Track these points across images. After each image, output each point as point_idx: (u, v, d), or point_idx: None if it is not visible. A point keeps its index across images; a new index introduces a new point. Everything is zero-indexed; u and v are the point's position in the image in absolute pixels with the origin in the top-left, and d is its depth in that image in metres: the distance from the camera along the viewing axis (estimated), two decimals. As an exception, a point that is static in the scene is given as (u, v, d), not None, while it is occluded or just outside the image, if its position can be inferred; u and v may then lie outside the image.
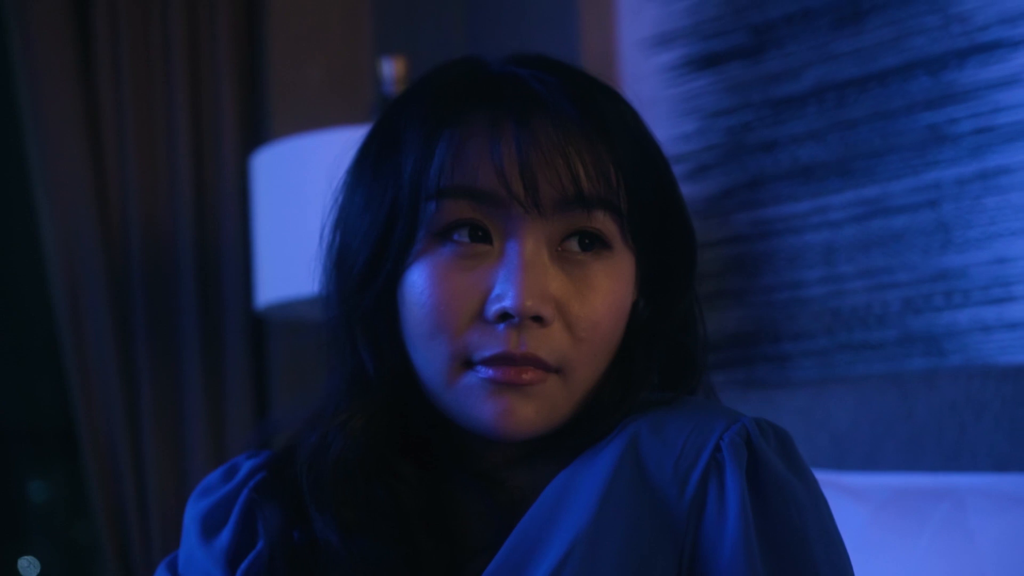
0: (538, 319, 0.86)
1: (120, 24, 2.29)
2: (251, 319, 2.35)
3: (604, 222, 0.89)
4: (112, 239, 2.28)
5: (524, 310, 0.85)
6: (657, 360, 0.93)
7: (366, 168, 0.94)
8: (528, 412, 0.86)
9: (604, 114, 0.90)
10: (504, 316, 0.86)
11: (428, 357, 0.89)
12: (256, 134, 2.40)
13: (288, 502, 0.91)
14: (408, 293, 0.90)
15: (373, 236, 0.91)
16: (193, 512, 0.97)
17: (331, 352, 0.96)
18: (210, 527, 0.95)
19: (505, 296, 0.86)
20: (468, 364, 0.88)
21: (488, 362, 0.86)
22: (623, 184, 0.89)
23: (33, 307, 2.49)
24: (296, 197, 1.93)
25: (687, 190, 2.05)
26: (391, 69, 2.01)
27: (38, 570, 2.80)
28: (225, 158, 2.33)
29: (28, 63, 2.24)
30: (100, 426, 2.27)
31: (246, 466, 0.98)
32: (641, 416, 0.89)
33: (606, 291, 0.89)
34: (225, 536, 0.94)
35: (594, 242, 0.89)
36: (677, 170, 2.05)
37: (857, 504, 1.46)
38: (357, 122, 2.28)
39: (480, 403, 0.87)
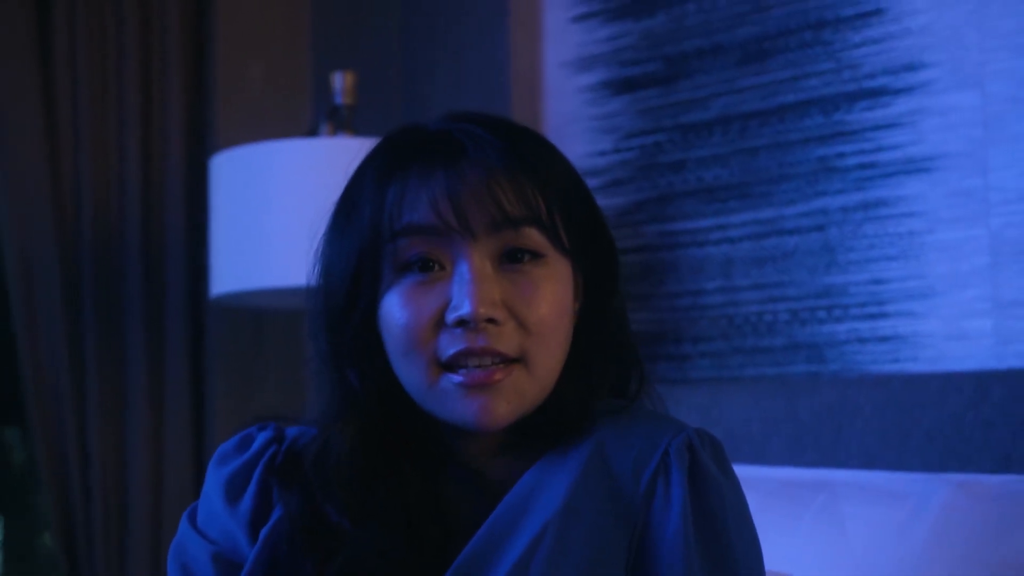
0: (491, 320, 1.04)
1: (77, 28, 2.42)
2: (192, 307, 2.51)
3: (532, 236, 1.07)
4: (65, 232, 2.40)
5: (478, 315, 1.03)
6: (610, 366, 1.13)
7: (338, 224, 1.11)
8: (501, 406, 1.04)
9: (524, 150, 1.09)
10: (462, 322, 1.04)
11: (408, 369, 1.07)
12: (201, 137, 2.54)
13: (302, 484, 1.09)
14: (384, 319, 1.07)
15: (348, 278, 1.08)
16: (216, 476, 1.13)
17: (322, 373, 1.14)
18: (232, 492, 1.12)
19: (461, 306, 1.04)
20: (441, 366, 1.05)
21: (454, 359, 1.04)
22: (545, 205, 1.07)
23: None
24: (249, 198, 2.10)
25: (602, 202, 2.24)
26: (341, 82, 2.18)
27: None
28: (172, 158, 2.47)
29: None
30: (48, 403, 2.40)
31: (260, 438, 1.14)
32: (606, 424, 1.09)
33: (546, 291, 1.06)
34: (247, 502, 1.11)
35: (528, 254, 1.07)
36: (593, 183, 2.27)
37: (748, 492, 1.67)
38: (296, 129, 2.45)
39: (458, 403, 1.04)
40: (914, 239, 1.92)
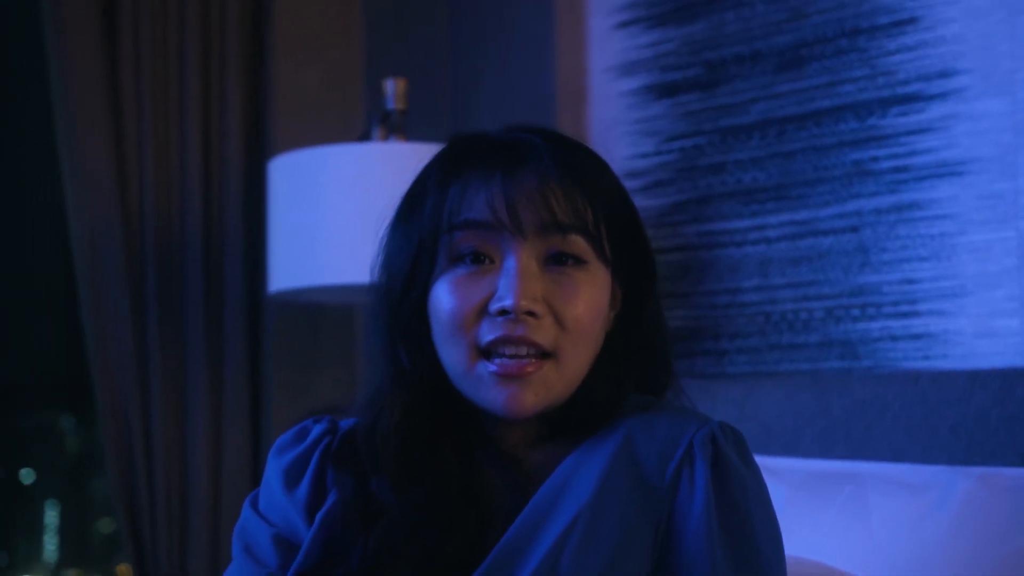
0: (531, 314, 1.13)
1: (142, 37, 2.53)
2: (250, 303, 2.61)
3: (578, 243, 1.16)
4: (130, 231, 2.50)
5: (519, 307, 1.12)
6: (639, 363, 1.22)
7: (402, 216, 1.21)
8: (529, 396, 1.13)
9: (577, 163, 1.18)
10: (504, 311, 1.13)
11: (451, 352, 1.16)
12: (259, 140, 2.64)
13: (355, 468, 1.18)
14: (433, 304, 1.17)
15: (407, 265, 1.18)
16: (275, 465, 1.23)
17: (377, 353, 1.23)
18: (290, 480, 1.21)
19: (504, 297, 1.13)
20: (480, 352, 1.14)
21: (492, 346, 1.13)
22: (592, 215, 1.16)
23: (58, 289, 2.75)
24: (304, 199, 2.20)
25: (643, 203, 2.35)
26: (393, 88, 2.28)
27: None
28: (231, 160, 2.57)
29: (61, 75, 2.45)
30: (114, 393, 2.51)
31: (315, 430, 1.24)
32: (633, 417, 1.17)
33: (585, 294, 1.15)
34: (303, 489, 1.20)
35: (572, 258, 1.16)
36: (635, 184, 2.35)
37: (779, 484, 1.76)
38: (349, 133, 2.55)
39: (491, 390, 1.13)
40: (945, 240, 1.99)
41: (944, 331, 1.99)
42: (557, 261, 1.16)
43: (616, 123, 2.43)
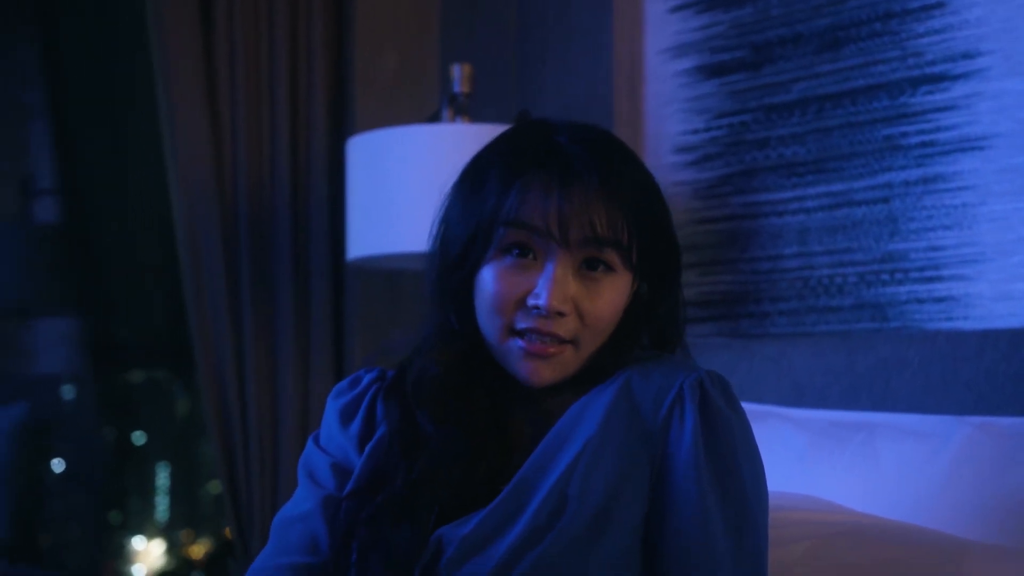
0: (560, 313, 1.33)
1: (235, 27, 2.76)
2: (333, 268, 2.84)
3: (611, 255, 1.35)
4: (225, 206, 2.73)
5: (551, 308, 1.32)
6: (641, 332, 1.41)
7: (462, 193, 1.40)
8: (547, 372, 1.34)
9: (621, 180, 1.35)
10: (537, 308, 1.33)
11: (489, 325, 1.36)
12: (342, 118, 2.87)
13: (402, 403, 1.39)
14: (480, 284, 1.36)
15: (462, 241, 1.37)
16: (333, 406, 1.46)
17: (428, 307, 1.44)
18: (345, 418, 1.44)
19: (540, 296, 1.33)
20: (513, 332, 1.34)
21: (524, 332, 1.33)
22: (627, 232, 1.35)
23: (162, 248, 3.01)
24: (378, 176, 2.43)
25: (694, 176, 2.53)
26: (459, 73, 2.49)
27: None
28: (316, 139, 2.80)
29: (163, 65, 2.69)
30: (212, 358, 2.73)
31: (366, 378, 1.46)
32: (634, 367, 1.37)
33: (608, 297, 1.35)
34: (356, 425, 1.43)
35: (603, 265, 1.35)
36: (686, 159, 2.53)
37: (801, 432, 1.94)
38: (422, 113, 2.76)
39: (517, 363, 1.34)
40: (967, 210, 2.14)
41: (965, 295, 2.14)
42: (589, 266, 1.35)
43: (670, 101, 2.61)
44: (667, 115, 2.60)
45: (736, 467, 1.32)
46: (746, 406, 2.07)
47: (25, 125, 3.68)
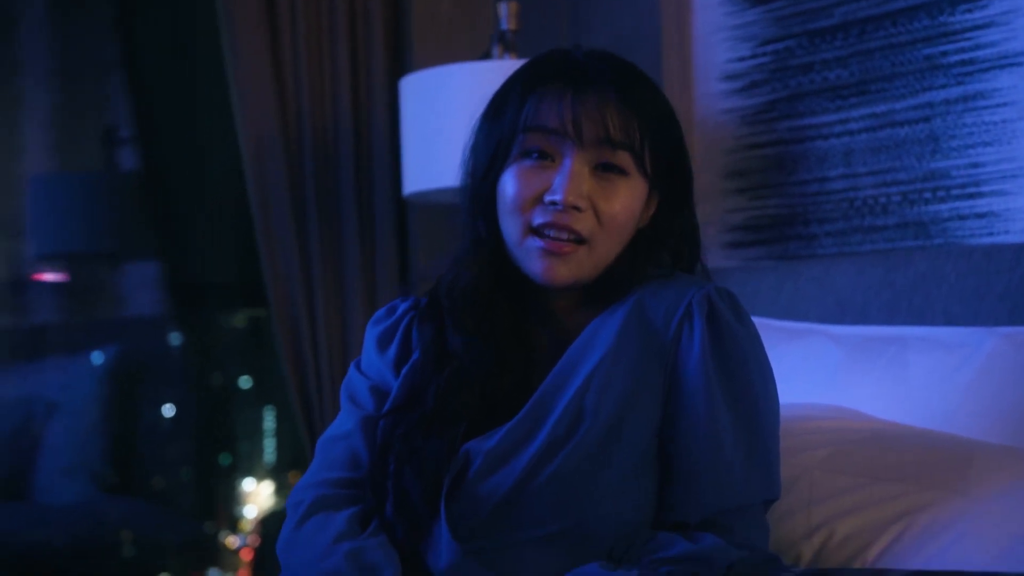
0: (576, 208, 1.41)
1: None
2: (396, 202, 2.95)
3: (624, 158, 1.43)
4: (290, 142, 2.84)
5: (567, 200, 1.40)
6: (657, 251, 1.48)
7: (488, 117, 1.50)
8: (562, 270, 1.42)
9: (635, 91, 1.44)
10: (554, 202, 1.41)
11: (509, 226, 1.44)
12: (399, 58, 2.96)
13: (434, 323, 1.48)
14: (501, 187, 1.45)
15: (489, 153, 1.47)
16: (371, 333, 1.56)
17: (461, 222, 1.53)
18: (383, 344, 1.54)
19: (557, 191, 1.41)
20: (531, 230, 1.42)
21: (541, 228, 1.40)
22: (640, 137, 1.43)
23: (234, 191, 3.14)
24: (434, 112, 2.52)
25: (741, 103, 2.58)
26: (506, 11, 2.56)
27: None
28: (376, 77, 2.90)
29: (227, 8, 2.80)
30: (282, 288, 2.87)
31: (401, 307, 1.56)
32: (646, 286, 1.45)
33: (622, 197, 1.43)
34: (392, 350, 1.53)
35: (617, 169, 1.43)
36: (733, 86, 2.58)
37: (837, 347, 2.00)
38: (477, 52, 2.83)
39: (535, 261, 1.42)
40: (1007, 127, 2.17)
41: (1006, 209, 2.17)
42: (605, 169, 1.43)
43: (717, 29, 2.65)
44: (714, 43, 2.65)
45: (745, 374, 1.39)
46: (788, 324, 2.15)
47: (105, 78, 3.83)
